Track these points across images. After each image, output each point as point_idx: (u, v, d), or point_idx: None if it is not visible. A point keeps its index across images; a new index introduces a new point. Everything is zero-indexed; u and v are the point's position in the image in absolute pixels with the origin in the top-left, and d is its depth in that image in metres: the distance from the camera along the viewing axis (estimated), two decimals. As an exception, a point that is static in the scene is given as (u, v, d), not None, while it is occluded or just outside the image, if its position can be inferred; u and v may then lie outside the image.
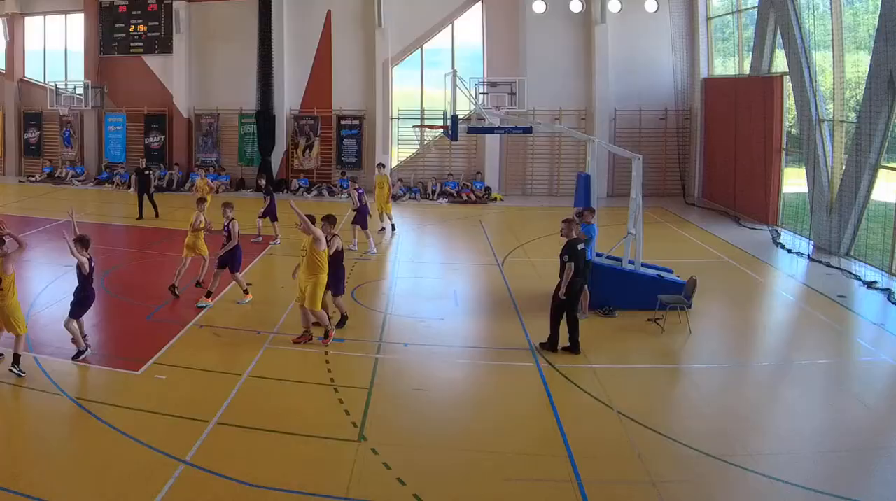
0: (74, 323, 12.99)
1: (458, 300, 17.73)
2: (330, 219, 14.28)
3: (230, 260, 16.58)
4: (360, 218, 21.94)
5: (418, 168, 33.08)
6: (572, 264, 13.06)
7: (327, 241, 13.82)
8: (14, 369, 11.90)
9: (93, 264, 13.16)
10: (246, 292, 16.67)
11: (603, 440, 10.61)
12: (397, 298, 17.73)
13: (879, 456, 10.35)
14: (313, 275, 13.54)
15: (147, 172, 27.76)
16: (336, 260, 14.38)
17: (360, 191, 22.33)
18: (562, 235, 13.67)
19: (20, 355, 12.10)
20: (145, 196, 27.06)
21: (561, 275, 13.28)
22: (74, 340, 12.98)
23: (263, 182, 26.37)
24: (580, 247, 13.43)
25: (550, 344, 13.58)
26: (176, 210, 28.71)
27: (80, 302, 13.19)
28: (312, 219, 13.71)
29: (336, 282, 14.57)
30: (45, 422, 10.94)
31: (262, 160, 33.51)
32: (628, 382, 12.80)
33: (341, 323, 14.81)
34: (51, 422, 10.95)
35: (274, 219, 22.61)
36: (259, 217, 22.77)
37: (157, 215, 27.15)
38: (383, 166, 25.87)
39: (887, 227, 20.01)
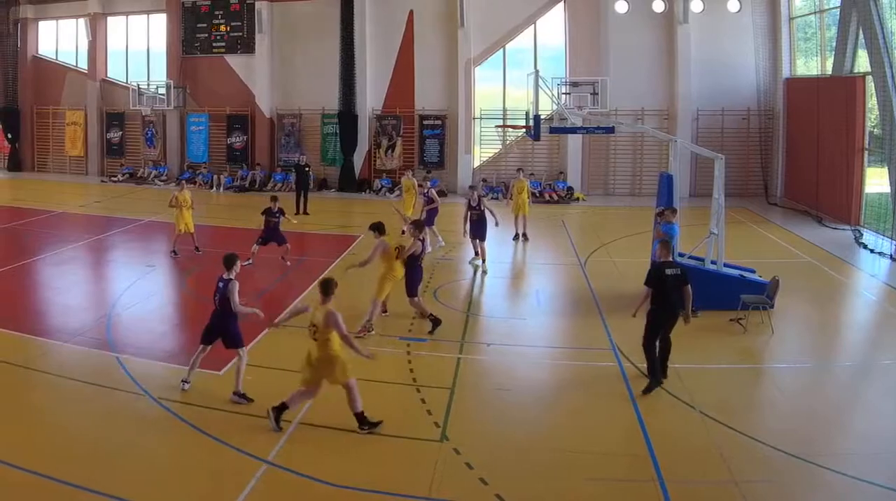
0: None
1: (541, 300, 19.02)
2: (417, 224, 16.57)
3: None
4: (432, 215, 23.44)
5: (500, 168, 36.09)
6: (647, 288, 13.13)
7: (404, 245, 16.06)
8: None
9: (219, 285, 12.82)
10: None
11: (685, 439, 11.31)
12: (479, 298, 19.33)
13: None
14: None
15: (307, 169, 31.38)
16: (413, 262, 16.04)
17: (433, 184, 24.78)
18: (658, 257, 13.74)
19: None
20: (302, 192, 30.57)
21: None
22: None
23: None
24: (668, 272, 13.11)
25: (652, 380, 13.20)
26: (258, 211, 30.04)
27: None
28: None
29: (412, 284, 16.12)
30: (128, 423, 11.70)
31: (344, 160, 36.90)
32: (710, 382, 13.53)
33: (434, 327, 15.90)
34: (133, 423, 11.72)
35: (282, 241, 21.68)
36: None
37: (306, 212, 30.29)
38: (411, 171, 28.74)
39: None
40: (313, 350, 11.32)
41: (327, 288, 11.45)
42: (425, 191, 24.12)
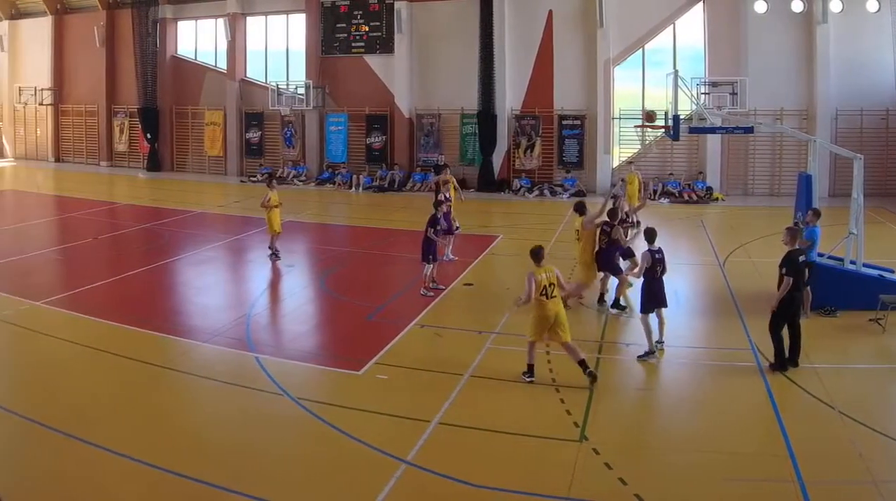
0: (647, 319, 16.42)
1: (680, 300, 20.47)
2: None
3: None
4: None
5: (640, 168, 39.86)
6: (790, 278, 15.11)
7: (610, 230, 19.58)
8: None
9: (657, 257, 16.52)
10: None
11: (824, 440, 12.43)
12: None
13: None
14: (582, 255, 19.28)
15: (446, 169, 32.73)
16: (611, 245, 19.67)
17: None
18: (783, 243, 15.93)
19: None
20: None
21: (779, 286, 15.55)
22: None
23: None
24: (801, 258, 15.52)
25: (778, 362, 15.39)
26: (397, 211, 37.06)
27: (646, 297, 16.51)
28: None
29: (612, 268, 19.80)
30: (267, 422, 13.25)
31: (483, 160, 43.51)
32: (849, 382, 14.99)
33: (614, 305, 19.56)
34: (272, 423, 13.26)
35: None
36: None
37: None
38: (447, 167, 32.47)
39: None
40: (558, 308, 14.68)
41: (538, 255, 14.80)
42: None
